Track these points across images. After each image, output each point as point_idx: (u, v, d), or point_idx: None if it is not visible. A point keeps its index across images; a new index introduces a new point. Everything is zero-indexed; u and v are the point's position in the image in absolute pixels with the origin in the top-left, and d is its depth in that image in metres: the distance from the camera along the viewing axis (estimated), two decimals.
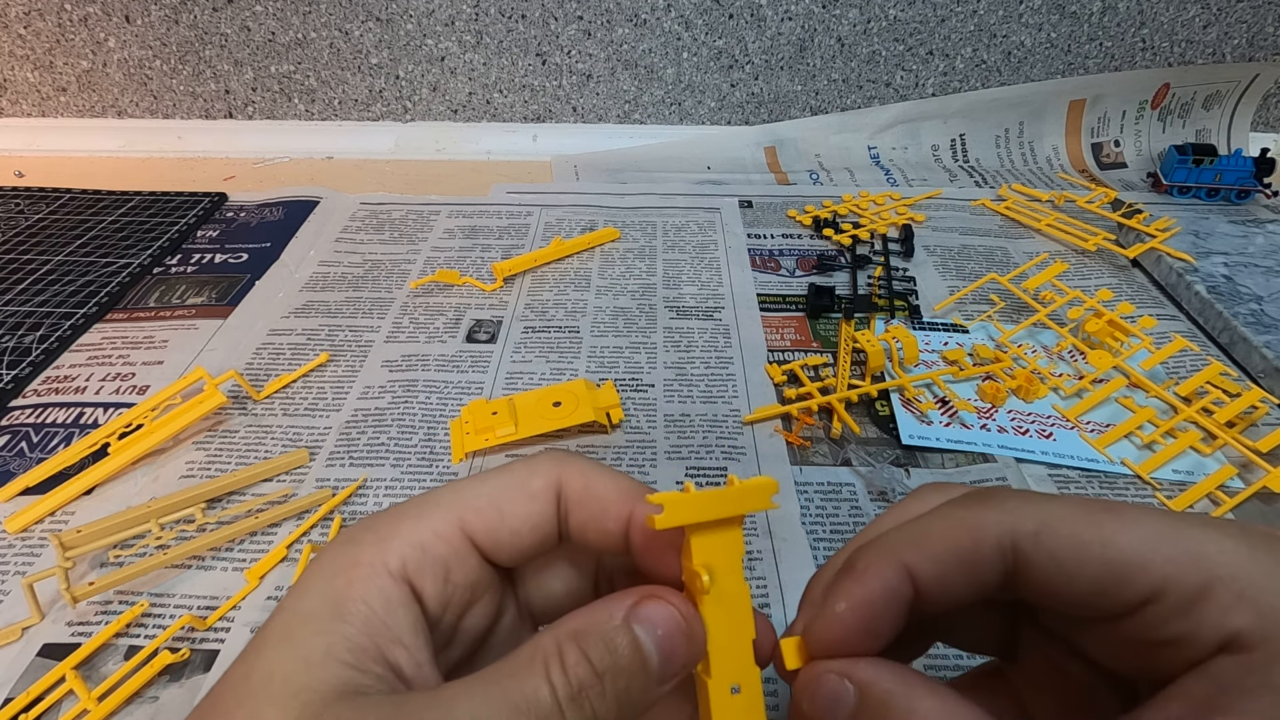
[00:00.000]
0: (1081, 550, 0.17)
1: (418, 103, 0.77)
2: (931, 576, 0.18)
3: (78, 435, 0.43)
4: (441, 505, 0.20)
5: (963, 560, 0.18)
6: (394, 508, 0.20)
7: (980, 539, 0.18)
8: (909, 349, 0.47)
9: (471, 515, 0.20)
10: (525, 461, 0.21)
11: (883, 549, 0.19)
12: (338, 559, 0.19)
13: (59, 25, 0.72)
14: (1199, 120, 0.77)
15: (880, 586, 0.18)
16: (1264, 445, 0.41)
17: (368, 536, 0.19)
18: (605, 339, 0.51)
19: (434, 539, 0.19)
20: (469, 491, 0.20)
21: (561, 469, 0.21)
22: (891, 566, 0.18)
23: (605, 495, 0.20)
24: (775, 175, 0.74)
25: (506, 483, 0.21)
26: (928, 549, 0.19)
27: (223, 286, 0.56)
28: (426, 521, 0.19)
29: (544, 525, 0.20)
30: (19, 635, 0.33)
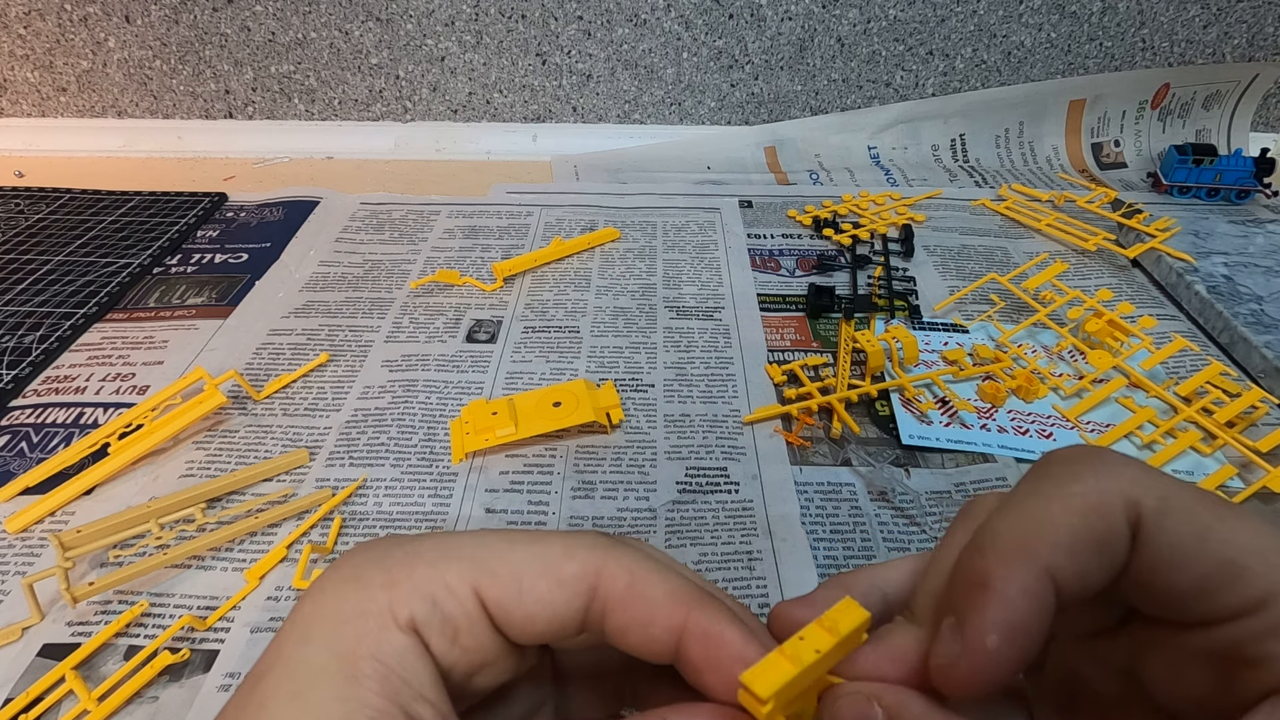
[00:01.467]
0: (1202, 538, 0.15)
1: (418, 103, 0.77)
2: (1071, 572, 0.15)
3: (78, 435, 0.43)
4: (461, 559, 0.18)
5: (1098, 543, 0.15)
6: (404, 542, 0.18)
7: (1111, 514, 0.16)
8: (909, 349, 0.47)
9: (489, 582, 0.18)
10: (566, 539, 0.18)
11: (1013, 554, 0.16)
12: (343, 603, 0.17)
13: (59, 25, 0.72)
14: (1199, 120, 0.77)
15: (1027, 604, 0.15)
16: (1264, 445, 0.41)
17: (376, 577, 0.17)
18: (605, 339, 0.51)
19: (447, 595, 0.17)
20: (492, 552, 0.18)
21: (605, 561, 0.18)
22: (1033, 574, 0.15)
23: (654, 598, 0.17)
24: (775, 175, 0.74)
25: (536, 556, 0.18)
26: (1060, 540, 0.15)
27: (223, 286, 0.56)
28: (440, 573, 0.17)
29: (565, 616, 0.18)
30: (19, 635, 0.33)
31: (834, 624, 0.16)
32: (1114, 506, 0.16)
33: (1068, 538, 0.15)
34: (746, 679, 0.15)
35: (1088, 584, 0.16)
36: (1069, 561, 0.15)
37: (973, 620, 0.15)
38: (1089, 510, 0.16)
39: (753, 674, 0.15)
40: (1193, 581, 0.15)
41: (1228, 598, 0.15)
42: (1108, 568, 0.16)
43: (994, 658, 0.15)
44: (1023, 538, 0.16)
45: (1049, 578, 0.15)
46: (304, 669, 0.16)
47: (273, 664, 0.17)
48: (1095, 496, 0.16)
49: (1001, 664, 0.15)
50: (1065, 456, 0.17)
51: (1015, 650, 0.15)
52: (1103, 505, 0.16)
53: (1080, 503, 0.16)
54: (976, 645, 0.15)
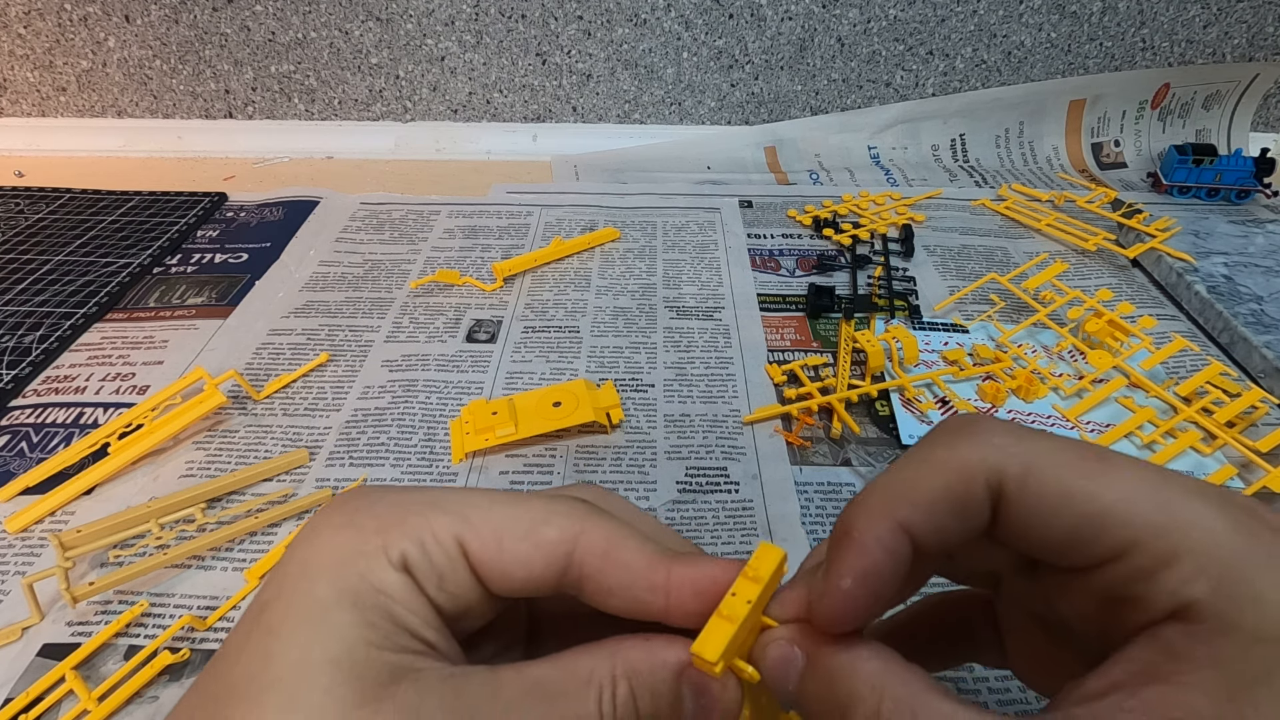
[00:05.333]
0: (1066, 498, 0.17)
1: (418, 103, 0.77)
2: (925, 527, 0.18)
3: (78, 435, 0.43)
4: (446, 512, 0.19)
5: (954, 503, 0.18)
6: (392, 492, 0.20)
7: (969, 476, 0.17)
8: (909, 349, 0.47)
9: (471, 536, 0.19)
10: (546, 502, 0.20)
11: (874, 510, 0.18)
12: (340, 545, 0.18)
13: (59, 25, 0.72)
14: (1199, 120, 0.77)
15: (881, 553, 0.17)
16: (1264, 445, 0.41)
17: (369, 523, 0.18)
18: (605, 339, 0.51)
19: (434, 543, 0.18)
20: (476, 510, 0.19)
21: (581, 528, 0.19)
22: (887, 527, 0.17)
23: (632, 563, 0.19)
24: (775, 175, 0.74)
25: (517, 517, 0.19)
26: (918, 499, 0.18)
27: (223, 286, 0.56)
28: (427, 522, 0.19)
29: (541, 576, 0.19)
30: (19, 635, 0.33)
31: (756, 571, 0.18)
32: (974, 473, 0.17)
33: (926, 498, 0.18)
34: (695, 649, 0.17)
35: (945, 539, 0.18)
36: (925, 519, 0.17)
37: (834, 565, 0.18)
38: (949, 475, 0.18)
39: (700, 643, 0.17)
40: (1062, 535, 0.17)
41: (1095, 548, 0.17)
42: (965, 526, 0.18)
43: (849, 597, 0.17)
44: (886, 496, 0.18)
45: (903, 532, 0.17)
46: (312, 601, 0.17)
47: (276, 597, 0.17)
48: (958, 463, 0.18)
49: (856, 603, 0.17)
50: (948, 426, 0.19)
51: (867, 591, 0.17)
52: (964, 471, 0.17)
53: (942, 468, 0.18)
54: (834, 586, 0.18)
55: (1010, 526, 0.18)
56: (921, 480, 0.18)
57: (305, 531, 0.19)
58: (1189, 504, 0.16)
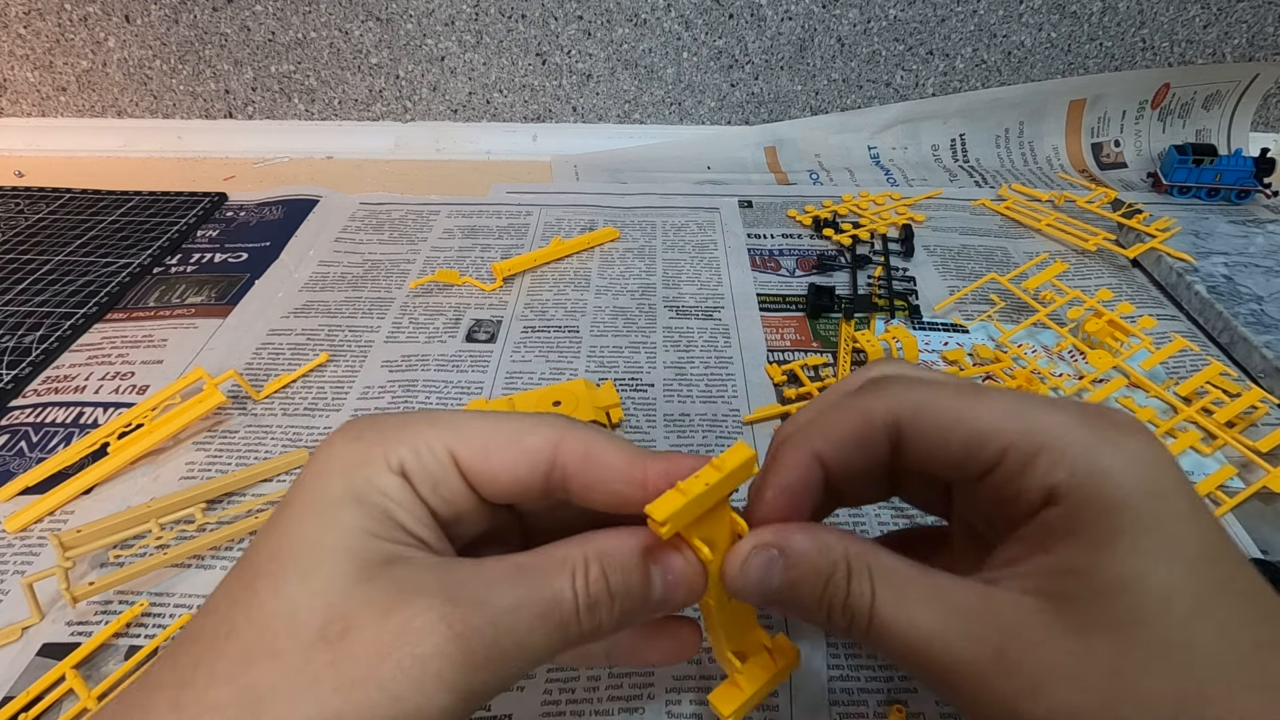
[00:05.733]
0: (947, 425, 0.21)
1: (418, 103, 0.77)
2: (836, 458, 0.23)
3: (77, 435, 0.43)
4: (437, 425, 0.22)
5: (858, 440, 0.23)
6: (396, 416, 0.22)
7: (870, 421, 0.22)
8: (909, 349, 0.47)
9: (460, 446, 0.22)
10: (529, 416, 0.23)
11: (796, 442, 0.23)
12: (350, 454, 0.21)
13: (59, 25, 0.72)
14: (1199, 120, 0.77)
15: (798, 474, 0.23)
16: (1264, 445, 0.41)
17: (371, 435, 0.21)
18: (605, 339, 0.51)
19: (427, 451, 0.21)
20: (465, 424, 0.22)
21: (561, 436, 0.22)
22: (804, 455, 0.23)
23: (610, 462, 0.22)
24: (775, 175, 0.74)
25: (502, 430, 0.22)
26: (831, 436, 0.23)
27: (222, 286, 0.56)
28: (421, 434, 0.22)
29: (527, 480, 0.22)
30: (19, 635, 0.33)
31: (722, 463, 0.21)
32: (875, 415, 0.22)
33: (835, 433, 0.23)
34: (648, 509, 0.20)
35: (851, 464, 0.23)
36: (835, 450, 0.23)
37: (760, 480, 0.23)
38: (857, 417, 0.23)
39: (653, 505, 0.20)
40: (953, 453, 0.21)
41: (979, 458, 0.21)
42: (869, 455, 0.23)
43: (771, 505, 0.23)
44: (807, 431, 0.23)
45: (816, 458, 0.23)
46: (324, 496, 0.20)
47: (297, 494, 0.21)
48: (863, 407, 0.23)
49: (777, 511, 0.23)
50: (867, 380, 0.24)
51: (783, 502, 0.23)
52: (866, 413, 0.22)
53: (851, 412, 0.23)
54: (758, 496, 0.23)
55: (914, 453, 0.22)
56: (834, 421, 0.23)
57: (323, 445, 0.22)
58: (1045, 414, 0.21)
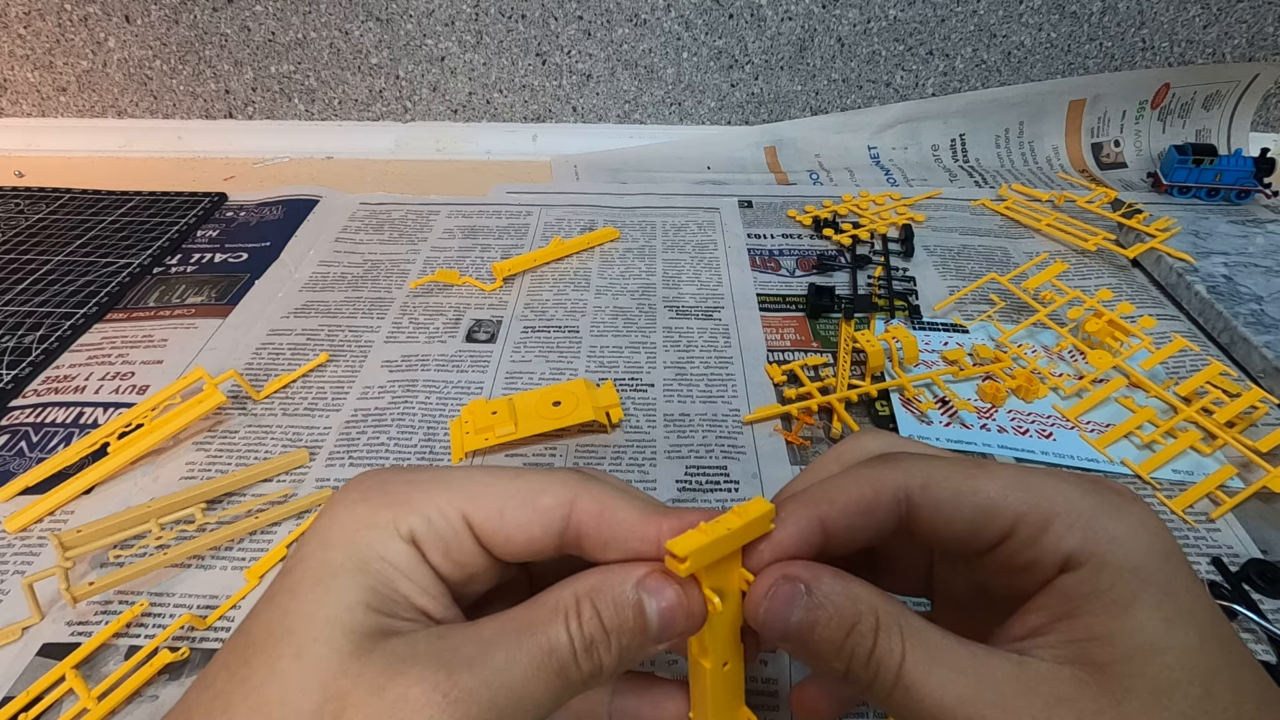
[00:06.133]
0: (957, 498, 0.21)
1: (418, 103, 0.77)
2: (840, 525, 0.22)
3: (77, 435, 0.43)
4: (450, 487, 0.21)
5: (865, 510, 0.22)
6: (403, 472, 0.22)
7: (880, 492, 0.22)
8: (909, 349, 0.47)
9: (473, 508, 0.21)
10: (542, 474, 0.22)
11: (802, 504, 0.22)
12: (354, 518, 0.21)
13: (59, 25, 0.72)
14: (1199, 120, 0.77)
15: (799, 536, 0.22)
16: (1264, 445, 0.41)
17: (378, 498, 0.21)
18: (605, 339, 0.51)
19: (439, 516, 0.21)
20: (478, 483, 0.22)
21: (577, 494, 0.22)
22: (808, 518, 0.22)
23: (624, 520, 0.21)
24: (775, 175, 0.74)
25: (516, 489, 0.22)
26: (838, 502, 0.22)
27: (222, 286, 0.56)
28: (433, 498, 0.21)
29: (541, 540, 0.22)
30: (19, 635, 0.33)
31: (744, 511, 0.21)
32: (885, 487, 0.22)
33: (843, 500, 0.22)
34: (669, 545, 0.20)
35: (854, 535, 0.22)
36: (840, 517, 0.22)
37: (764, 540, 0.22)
38: (867, 487, 0.22)
39: (674, 542, 0.20)
40: (962, 527, 0.21)
41: (989, 531, 0.21)
42: (874, 526, 0.22)
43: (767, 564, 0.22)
44: (812, 493, 0.22)
45: (819, 523, 0.22)
46: (326, 566, 0.20)
47: (299, 562, 0.20)
48: (874, 478, 0.22)
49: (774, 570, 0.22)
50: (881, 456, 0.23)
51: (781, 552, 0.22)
52: (877, 485, 0.22)
53: (862, 481, 0.22)
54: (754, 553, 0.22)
55: (923, 527, 0.22)
56: (843, 487, 0.22)
57: (326, 507, 0.21)
58: (1051, 485, 0.21)
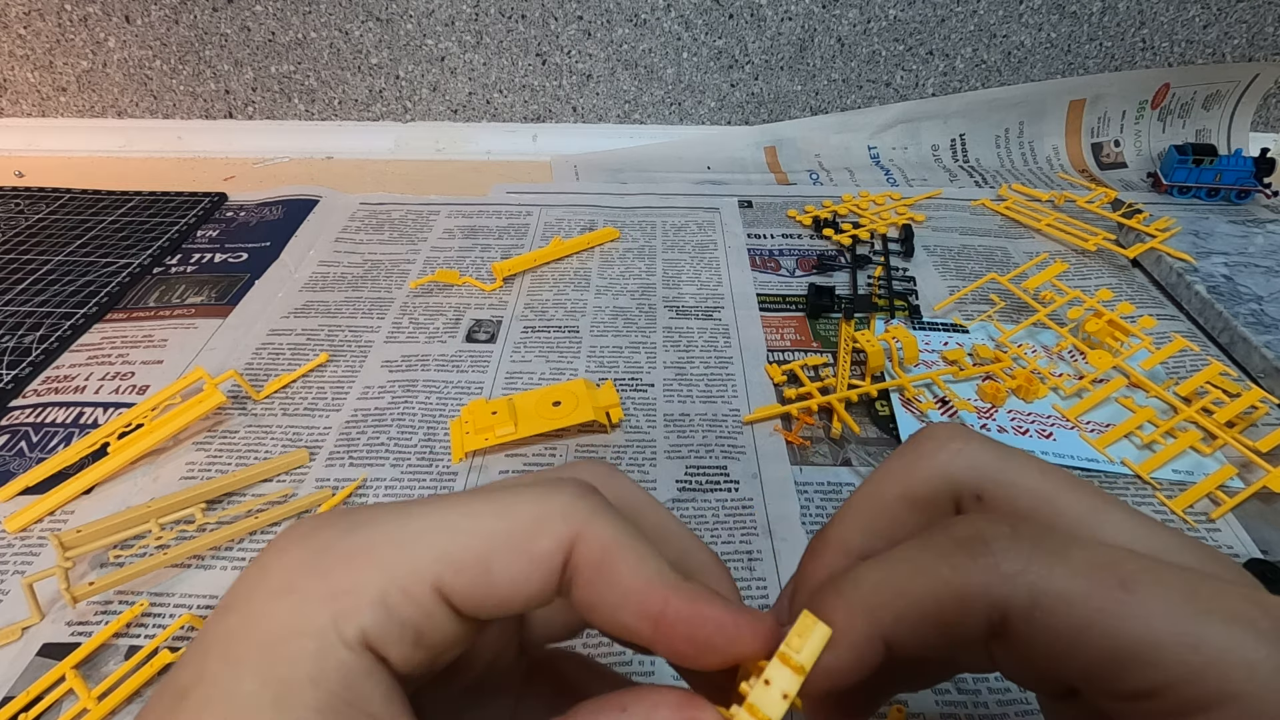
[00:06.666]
0: (1083, 635, 0.15)
1: (418, 103, 0.77)
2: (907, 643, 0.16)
3: (77, 435, 0.43)
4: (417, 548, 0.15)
5: (943, 627, 0.16)
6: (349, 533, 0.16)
7: (967, 608, 0.16)
8: (909, 349, 0.47)
9: (452, 574, 0.15)
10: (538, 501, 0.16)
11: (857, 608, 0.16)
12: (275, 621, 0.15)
13: (59, 25, 0.72)
14: (1199, 120, 0.77)
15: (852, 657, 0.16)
16: (1264, 445, 0.41)
17: (315, 587, 0.15)
18: (605, 339, 0.51)
19: (403, 599, 0.15)
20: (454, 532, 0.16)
21: (580, 530, 0.16)
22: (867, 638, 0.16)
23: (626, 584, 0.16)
24: (775, 175, 0.74)
25: (505, 532, 0.16)
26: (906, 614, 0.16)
27: (222, 286, 0.56)
28: (393, 567, 0.15)
29: (539, 593, 0.16)
30: (19, 635, 0.33)
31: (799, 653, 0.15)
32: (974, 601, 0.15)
33: (915, 615, 0.16)
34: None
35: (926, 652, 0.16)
36: (909, 634, 0.16)
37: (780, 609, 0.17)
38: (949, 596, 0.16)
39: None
40: (1078, 672, 0.15)
41: (1116, 686, 0.15)
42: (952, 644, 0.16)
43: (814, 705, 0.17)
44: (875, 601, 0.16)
45: (882, 643, 0.16)
46: (231, 697, 0.14)
47: (195, 684, 0.14)
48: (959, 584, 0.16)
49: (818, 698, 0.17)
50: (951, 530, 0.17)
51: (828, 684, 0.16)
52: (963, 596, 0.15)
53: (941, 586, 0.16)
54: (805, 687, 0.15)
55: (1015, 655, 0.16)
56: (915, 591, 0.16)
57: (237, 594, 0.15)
58: (1230, 638, 0.14)
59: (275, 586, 0.15)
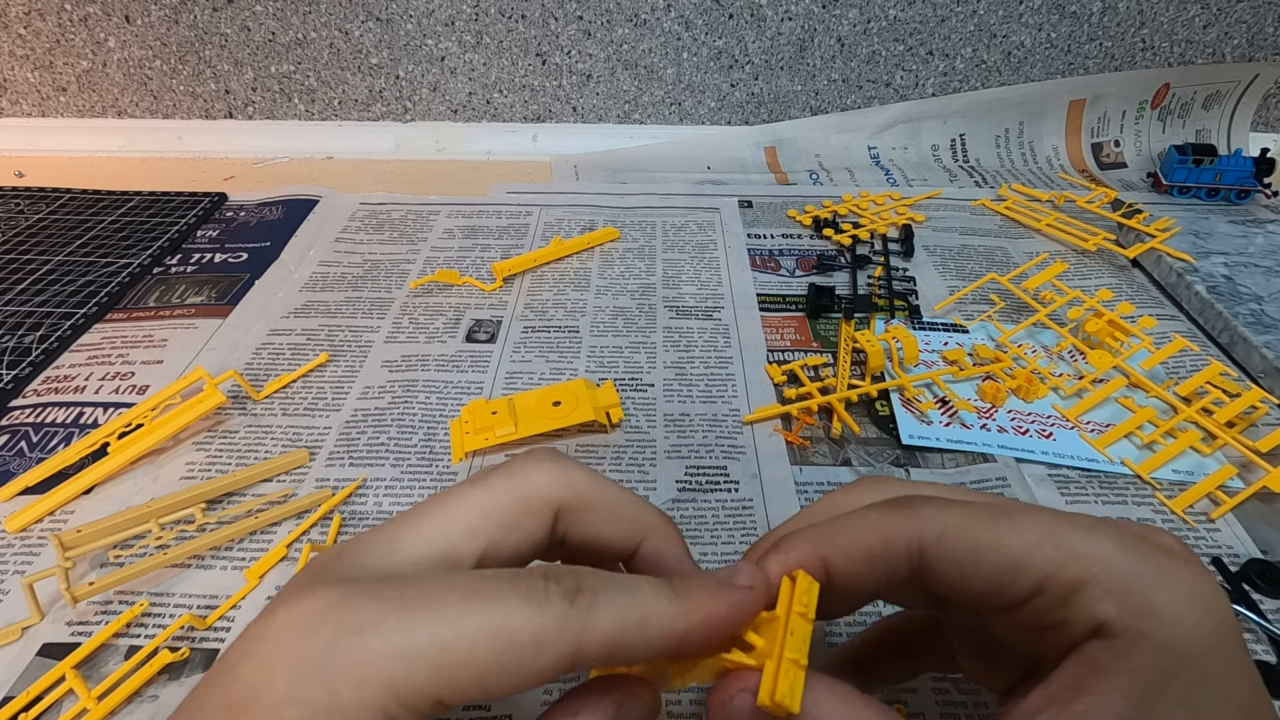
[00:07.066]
0: (977, 553, 0.19)
1: (418, 103, 0.77)
2: (843, 570, 0.20)
3: (77, 435, 0.43)
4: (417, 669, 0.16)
5: (872, 559, 0.20)
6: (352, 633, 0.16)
7: (890, 541, 0.20)
8: (909, 349, 0.47)
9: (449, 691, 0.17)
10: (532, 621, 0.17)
11: (805, 540, 0.21)
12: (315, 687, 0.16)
13: (59, 25, 0.72)
14: (1199, 120, 0.77)
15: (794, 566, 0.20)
16: (1264, 445, 0.41)
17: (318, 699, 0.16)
18: (605, 339, 0.51)
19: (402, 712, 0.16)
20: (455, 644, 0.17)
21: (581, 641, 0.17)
22: (809, 557, 0.20)
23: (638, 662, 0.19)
24: (775, 175, 0.74)
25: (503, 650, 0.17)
26: (843, 546, 0.21)
27: (222, 286, 0.56)
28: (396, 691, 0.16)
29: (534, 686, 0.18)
30: (19, 635, 0.33)
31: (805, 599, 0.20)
32: (896, 536, 0.20)
33: (851, 547, 0.20)
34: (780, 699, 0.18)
35: (859, 581, 0.21)
36: (844, 562, 0.20)
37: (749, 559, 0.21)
38: (875, 534, 0.20)
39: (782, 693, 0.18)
40: (982, 584, 0.20)
41: (1011, 590, 0.19)
42: (882, 576, 0.20)
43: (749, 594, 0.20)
44: (819, 534, 0.21)
45: (821, 563, 0.20)
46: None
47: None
48: (885, 525, 0.20)
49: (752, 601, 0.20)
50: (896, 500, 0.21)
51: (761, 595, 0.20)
52: (887, 533, 0.20)
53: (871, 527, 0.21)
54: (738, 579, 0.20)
55: (938, 581, 0.20)
56: (852, 530, 0.21)
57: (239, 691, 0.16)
58: (1086, 539, 0.19)
59: (282, 695, 0.16)
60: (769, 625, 0.19)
